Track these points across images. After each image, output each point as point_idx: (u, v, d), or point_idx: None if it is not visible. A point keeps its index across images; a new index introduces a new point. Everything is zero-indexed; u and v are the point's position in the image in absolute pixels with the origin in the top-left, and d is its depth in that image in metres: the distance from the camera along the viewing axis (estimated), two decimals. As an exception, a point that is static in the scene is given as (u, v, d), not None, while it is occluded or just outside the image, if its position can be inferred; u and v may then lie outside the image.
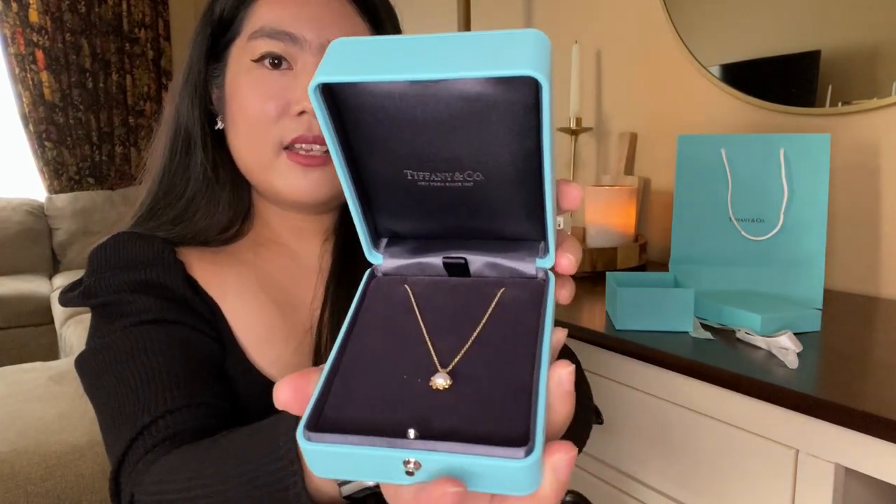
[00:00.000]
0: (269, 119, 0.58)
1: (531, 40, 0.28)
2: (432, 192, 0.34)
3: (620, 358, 0.85)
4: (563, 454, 0.26)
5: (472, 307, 0.34)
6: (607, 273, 0.96)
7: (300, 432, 0.27)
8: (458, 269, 0.37)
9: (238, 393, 0.57)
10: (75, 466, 1.48)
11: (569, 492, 0.96)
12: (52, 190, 3.63)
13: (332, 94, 0.30)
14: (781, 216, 0.97)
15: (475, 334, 0.32)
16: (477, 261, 0.36)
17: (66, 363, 2.01)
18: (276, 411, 0.36)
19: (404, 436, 0.27)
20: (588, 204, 1.31)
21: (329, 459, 0.27)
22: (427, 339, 0.32)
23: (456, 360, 0.31)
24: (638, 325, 0.86)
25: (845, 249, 1.11)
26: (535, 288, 0.35)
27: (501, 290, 0.35)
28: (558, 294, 0.35)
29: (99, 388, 0.53)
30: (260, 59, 0.58)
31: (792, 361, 0.72)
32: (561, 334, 0.33)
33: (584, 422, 0.64)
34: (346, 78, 0.28)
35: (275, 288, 0.62)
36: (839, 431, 0.63)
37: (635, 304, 0.86)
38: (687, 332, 0.85)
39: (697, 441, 0.78)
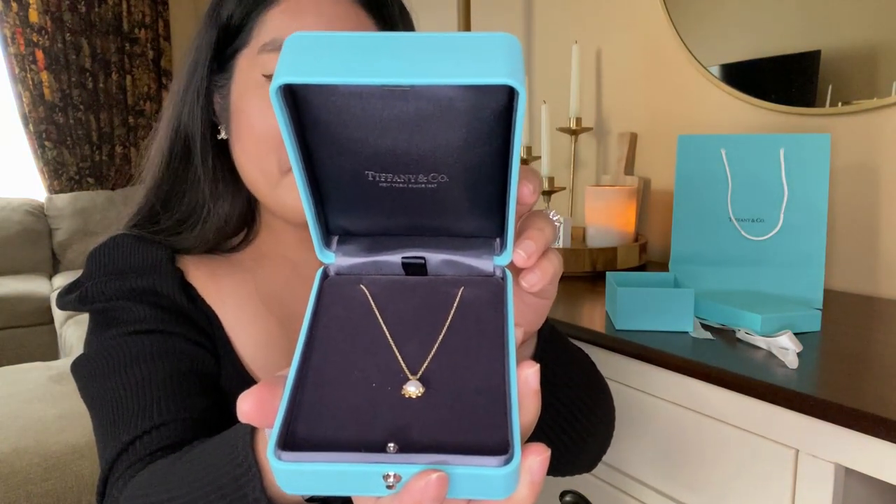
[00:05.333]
0: (278, 137, 0.55)
1: (505, 45, 0.28)
2: (393, 192, 0.33)
3: (620, 358, 0.85)
4: (537, 456, 0.27)
5: (433, 308, 0.34)
6: (607, 273, 0.96)
7: (271, 452, 0.26)
8: (415, 268, 0.36)
9: (233, 405, 0.56)
10: (75, 466, 1.48)
11: (569, 492, 0.96)
12: (52, 190, 3.63)
13: (293, 91, 0.29)
14: (781, 216, 0.97)
15: (440, 338, 0.32)
16: (434, 258, 0.36)
17: (66, 363, 2.01)
18: None
19: (383, 450, 0.26)
20: (588, 204, 1.31)
21: (303, 478, 0.26)
22: (392, 343, 0.32)
23: (424, 365, 0.30)
24: (638, 325, 0.86)
25: (845, 249, 1.11)
26: (495, 286, 0.35)
27: (461, 290, 0.34)
28: (521, 281, 0.35)
29: (92, 396, 0.53)
30: (272, 75, 0.55)
31: (792, 361, 0.72)
32: (519, 332, 0.33)
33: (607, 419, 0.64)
34: (313, 80, 0.27)
35: (274, 300, 0.62)
36: (839, 431, 0.63)
37: (635, 304, 0.86)
38: (687, 332, 0.85)
39: (697, 441, 0.78)
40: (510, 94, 0.28)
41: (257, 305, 0.60)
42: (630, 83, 1.48)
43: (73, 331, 2.67)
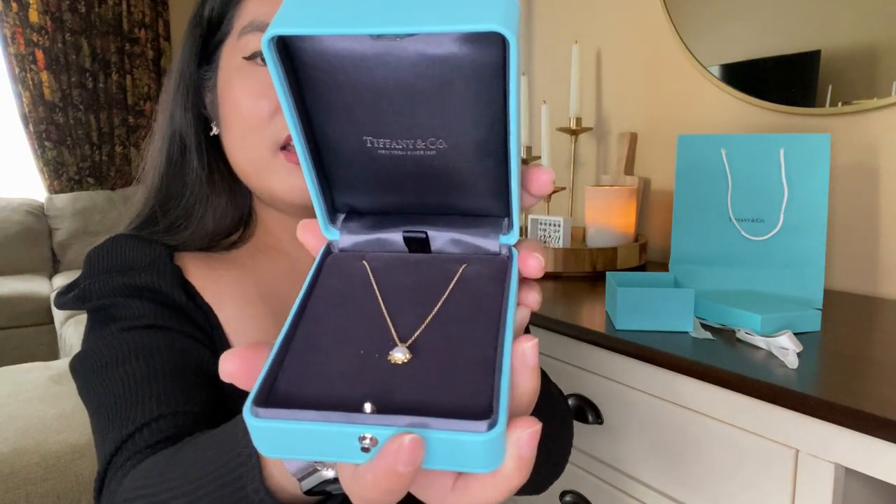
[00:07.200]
0: (263, 117, 0.55)
1: None
2: (393, 161, 0.33)
3: (620, 358, 0.85)
4: (526, 428, 0.25)
5: (432, 282, 0.33)
6: (607, 273, 0.96)
7: (247, 408, 0.25)
8: (418, 245, 0.36)
9: (232, 402, 0.56)
10: (75, 466, 1.48)
11: (569, 492, 0.96)
12: (52, 190, 3.63)
13: (289, 52, 0.29)
14: (781, 216, 0.97)
15: (436, 309, 0.31)
16: (439, 237, 0.35)
17: (66, 363, 2.01)
18: None
19: (359, 410, 0.25)
20: (588, 204, 1.31)
21: (278, 437, 0.25)
22: (385, 313, 0.31)
23: (416, 334, 0.30)
24: (638, 325, 0.86)
25: (845, 249, 1.11)
26: (499, 264, 0.34)
27: (463, 266, 0.34)
28: (524, 297, 0.33)
29: (90, 391, 0.53)
30: (252, 57, 0.56)
31: (792, 361, 0.72)
32: (525, 312, 0.32)
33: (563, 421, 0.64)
34: (304, 31, 0.27)
35: (273, 296, 0.62)
36: (839, 431, 0.63)
37: (635, 304, 0.86)
38: (687, 332, 0.85)
39: (697, 441, 0.78)
40: (505, 50, 0.28)
41: (255, 304, 0.60)
42: (630, 83, 1.48)
43: (73, 331, 2.67)
